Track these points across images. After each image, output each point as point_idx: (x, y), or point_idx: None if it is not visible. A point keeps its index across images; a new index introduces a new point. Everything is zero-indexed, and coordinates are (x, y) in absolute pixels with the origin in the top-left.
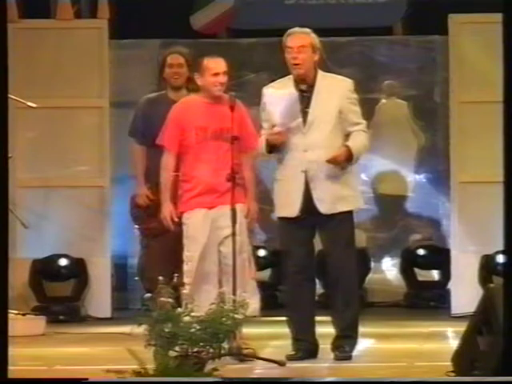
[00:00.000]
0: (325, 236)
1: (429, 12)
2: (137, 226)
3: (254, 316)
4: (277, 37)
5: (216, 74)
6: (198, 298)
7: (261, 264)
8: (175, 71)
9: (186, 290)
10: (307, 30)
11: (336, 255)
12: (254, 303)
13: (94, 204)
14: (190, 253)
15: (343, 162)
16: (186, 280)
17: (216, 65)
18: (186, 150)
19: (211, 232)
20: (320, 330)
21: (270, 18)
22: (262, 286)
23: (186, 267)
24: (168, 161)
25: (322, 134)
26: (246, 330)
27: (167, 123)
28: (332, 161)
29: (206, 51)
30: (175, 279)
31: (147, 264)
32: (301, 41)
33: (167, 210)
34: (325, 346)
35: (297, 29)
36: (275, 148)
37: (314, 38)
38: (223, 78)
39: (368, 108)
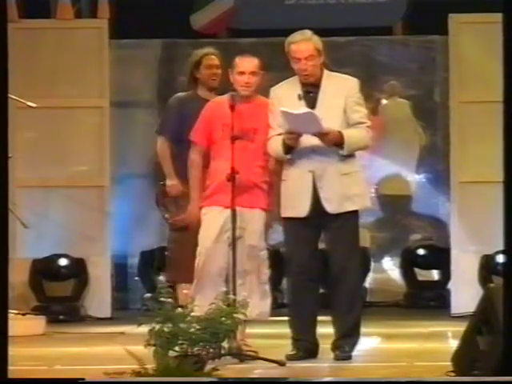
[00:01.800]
0: (330, 236)
1: (429, 12)
2: (166, 217)
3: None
4: (277, 37)
5: (241, 73)
6: (202, 295)
7: None
8: (214, 72)
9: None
10: (308, 33)
11: (340, 255)
12: (263, 306)
13: (94, 204)
14: (200, 248)
15: (330, 142)
16: (194, 274)
17: (243, 63)
18: (211, 146)
19: (223, 231)
20: (320, 329)
21: (270, 18)
22: None
23: (196, 261)
24: (195, 158)
25: None
26: (247, 330)
27: (199, 120)
28: (319, 136)
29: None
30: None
31: (174, 256)
32: (307, 51)
33: (194, 209)
34: (325, 346)
35: (299, 35)
36: (292, 149)
37: (316, 42)
38: (249, 78)
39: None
